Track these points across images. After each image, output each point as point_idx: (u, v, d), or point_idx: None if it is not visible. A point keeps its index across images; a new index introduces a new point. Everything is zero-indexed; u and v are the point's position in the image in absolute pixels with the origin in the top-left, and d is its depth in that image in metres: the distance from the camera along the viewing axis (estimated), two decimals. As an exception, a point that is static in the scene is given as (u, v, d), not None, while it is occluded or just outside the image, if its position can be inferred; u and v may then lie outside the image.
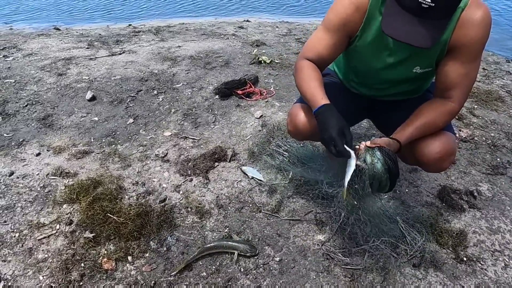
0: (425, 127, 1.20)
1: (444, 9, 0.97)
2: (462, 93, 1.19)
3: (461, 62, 1.14)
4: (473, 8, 1.07)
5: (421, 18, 0.98)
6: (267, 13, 5.92)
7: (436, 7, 0.95)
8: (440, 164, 1.25)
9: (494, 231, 1.55)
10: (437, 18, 0.99)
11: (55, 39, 3.88)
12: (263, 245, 1.47)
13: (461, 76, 1.16)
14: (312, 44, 1.30)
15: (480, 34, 1.09)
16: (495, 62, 3.80)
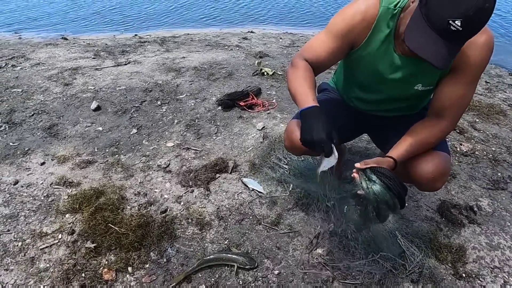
0: (419, 145, 1.22)
1: (468, 35, 0.96)
2: (456, 113, 1.21)
3: (461, 83, 1.15)
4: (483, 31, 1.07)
5: (446, 40, 0.95)
6: (271, 24, 6.00)
7: (462, 31, 0.93)
8: (433, 184, 1.26)
9: (494, 247, 1.55)
10: (459, 42, 0.98)
11: (63, 49, 3.96)
12: (262, 258, 1.48)
13: (459, 97, 1.17)
14: (313, 45, 1.28)
15: (482, 57, 1.11)
16: (498, 75, 3.82)
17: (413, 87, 1.25)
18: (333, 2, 6.96)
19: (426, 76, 1.21)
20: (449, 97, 1.18)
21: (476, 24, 0.92)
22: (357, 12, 1.17)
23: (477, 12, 0.88)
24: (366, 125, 1.55)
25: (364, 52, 1.24)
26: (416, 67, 1.20)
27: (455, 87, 1.16)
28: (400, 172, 1.30)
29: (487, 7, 0.89)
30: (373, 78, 1.31)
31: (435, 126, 1.22)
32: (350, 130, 1.55)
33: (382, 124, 1.48)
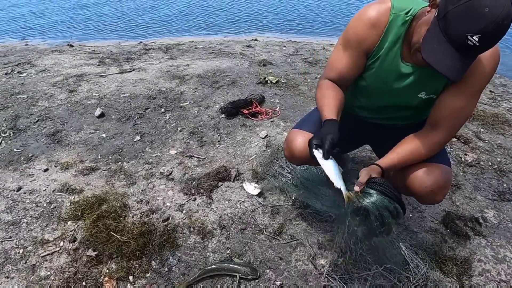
0: (409, 154, 1.21)
1: (483, 50, 0.97)
2: (453, 125, 1.20)
3: (463, 94, 1.14)
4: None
5: (462, 54, 0.96)
6: (275, 32, 6.03)
7: (479, 47, 0.93)
8: (432, 197, 1.25)
9: (500, 260, 1.52)
10: (474, 56, 0.99)
11: (68, 56, 4.00)
12: (264, 268, 1.46)
13: (458, 108, 1.16)
14: (332, 64, 1.32)
15: (487, 69, 1.10)
16: (502, 84, 3.80)
17: (417, 95, 1.25)
18: (337, 9, 7.00)
19: (430, 84, 1.21)
20: (448, 108, 1.17)
21: (493, 40, 0.93)
22: (368, 22, 1.18)
23: (496, 28, 0.89)
24: (368, 135, 1.54)
25: (373, 59, 1.26)
26: (422, 76, 1.20)
27: (456, 98, 1.15)
28: (399, 186, 1.30)
29: (505, 24, 0.89)
30: (377, 84, 1.32)
31: (428, 137, 1.21)
32: (351, 140, 1.55)
33: (384, 134, 1.47)
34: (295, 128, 1.49)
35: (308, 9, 7.00)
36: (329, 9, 7.03)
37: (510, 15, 0.88)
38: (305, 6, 7.18)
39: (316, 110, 1.60)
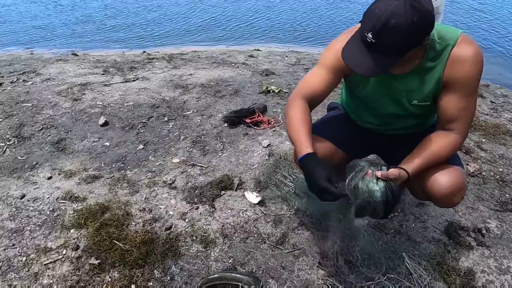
0: (431, 158, 1.21)
1: (385, 47, 1.03)
2: (463, 125, 1.21)
3: (458, 97, 1.17)
4: (464, 46, 1.12)
5: (369, 50, 1.05)
6: (277, 42, 6.10)
7: (377, 43, 1.02)
8: (451, 199, 1.26)
9: (503, 271, 1.51)
10: (381, 53, 1.04)
11: (73, 65, 4.04)
12: (267, 277, 1.46)
13: (460, 110, 1.18)
14: (308, 81, 1.35)
15: (473, 70, 1.13)
16: (503, 95, 3.82)
17: (410, 103, 1.27)
18: (338, 20, 7.08)
19: (417, 92, 1.23)
20: (451, 111, 1.19)
21: (385, 36, 1.00)
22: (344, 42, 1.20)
23: (383, 27, 0.98)
24: (375, 145, 1.55)
25: (355, 77, 1.31)
26: (407, 85, 1.23)
27: (453, 101, 1.18)
28: (415, 189, 1.30)
29: (392, 22, 0.96)
30: (370, 98, 1.36)
31: (444, 139, 1.22)
32: (359, 149, 1.57)
33: (391, 144, 1.48)
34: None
35: (309, 20, 7.08)
36: (330, 19, 7.11)
37: (394, 15, 0.96)
38: (307, 17, 7.27)
39: (326, 116, 1.64)
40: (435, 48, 1.15)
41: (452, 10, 7.08)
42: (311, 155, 1.18)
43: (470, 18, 6.81)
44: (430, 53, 1.16)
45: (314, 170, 1.14)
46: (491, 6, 7.58)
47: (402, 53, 1.05)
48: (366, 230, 1.62)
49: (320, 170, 1.13)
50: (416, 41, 1.03)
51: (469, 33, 6.07)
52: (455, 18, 6.76)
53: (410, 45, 1.03)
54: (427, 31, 1.04)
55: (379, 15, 0.98)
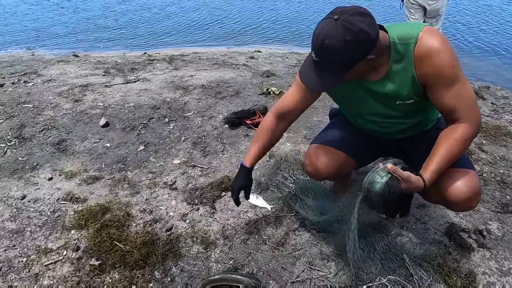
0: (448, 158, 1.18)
1: (328, 65, 1.11)
2: (466, 111, 1.17)
3: (444, 89, 1.15)
4: (426, 40, 1.12)
5: (316, 67, 1.14)
6: (278, 43, 6.11)
7: (320, 61, 1.11)
8: (469, 203, 1.26)
9: (504, 273, 1.51)
10: (326, 70, 1.13)
11: (74, 66, 4.05)
12: (268, 279, 1.46)
13: (454, 98, 1.16)
14: (284, 97, 1.46)
15: (445, 59, 1.12)
16: (504, 96, 3.82)
17: (394, 103, 1.28)
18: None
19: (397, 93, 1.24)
20: (447, 104, 1.17)
21: (325, 55, 1.08)
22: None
23: (321, 48, 1.07)
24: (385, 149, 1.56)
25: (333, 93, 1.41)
26: (385, 89, 1.24)
27: (442, 93, 1.17)
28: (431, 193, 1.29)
29: (327, 43, 1.05)
30: (357, 107, 1.40)
31: (454, 131, 1.18)
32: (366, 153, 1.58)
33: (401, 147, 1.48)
34: (316, 143, 1.53)
35: (310, 22, 7.09)
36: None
37: (327, 36, 1.05)
38: (307, 19, 7.28)
39: (332, 123, 1.66)
40: (398, 50, 1.16)
41: (453, 10, 7.09)
42: (244, 168, 1.47)
43: (471, 19, 6.82)
44: (395, 55, 1.17)
45: (237, 178, 1.49)
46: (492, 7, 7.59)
47: (346, 68, 1.11)
48: (367, 231, 1.62)
49: (239, 181, 1.48)
50: (356, 57, 1.09)
51: (469, 33, 6.08)
52: (456, 19, 6.77)
53: (350, 61, 1.09)
54: (365, 47, 1.08)
55: (317, 36, 1.08)
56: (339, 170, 1.50)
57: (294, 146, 2.35)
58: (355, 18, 1.04)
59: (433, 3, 3.49)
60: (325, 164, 1.45)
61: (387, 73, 1.21)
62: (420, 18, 3.63)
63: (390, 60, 1.19)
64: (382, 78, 1.23)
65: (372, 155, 1.63)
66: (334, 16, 1.05)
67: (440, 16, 3.59)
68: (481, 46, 5.61)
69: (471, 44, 5.69)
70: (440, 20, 3.62)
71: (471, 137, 1.19)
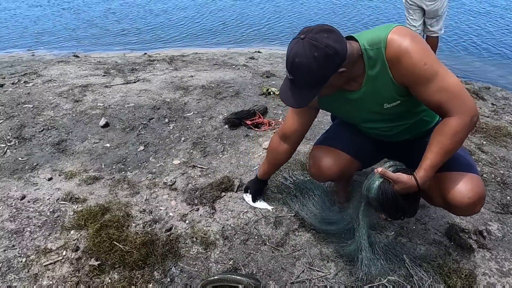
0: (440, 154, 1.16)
1: (303, 83, 1.15)
2: (452, 103, 1.13)
3: (422, 86, 1.14)
4: (396, 41, 1.12)
5: (291, 85, 1.19)
6: (278, 44, 6.11)
7: (294, 80, 1.15)
8: (472, 208, 1.25)
9: (505, 274, 1.51)
10: (300, 87, 1.17)
11: (74, 66, 4.06)
12: (267, 279, 1.46)
13: (437, 93, 1.13)
14: (285, 121, 1.55)
15: (414, 58, 1.11)
16: (504, 97, 3.82)
17: (382, 108, 1.28)
18: (338, 24, 7.09)
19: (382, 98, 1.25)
20: (433, 100, 1.15)
21: (297, 73, 1.13)
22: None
23: (292, 66, 1.12)
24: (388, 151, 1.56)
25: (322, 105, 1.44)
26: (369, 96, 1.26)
27: (424, 89, 1.14)
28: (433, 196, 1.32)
29: (296, 61, 1.10)
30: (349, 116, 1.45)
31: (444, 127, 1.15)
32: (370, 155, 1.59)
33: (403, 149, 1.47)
34: (319, 144, 1.55)
35: (310, 22, 7.09)
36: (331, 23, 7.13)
37: (297, 54, 1.10)
38: (308, 20, 7.29)
39: (334, 125, 1.68)
40: (370, 56, 1.17)
41: (453, 12, 7.09)
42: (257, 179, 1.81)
43: (472, 20, 6.82)
44: (369, 62, 1.18)
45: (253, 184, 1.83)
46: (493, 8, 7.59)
47: (319, 83, 1.15)
48: (367, 232, 1.62)
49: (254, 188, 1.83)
50: (328, 72, 1.12)
51: (470, 34, 6.08)
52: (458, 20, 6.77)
53: (323, 76, 1.13)
54: (334, 62, 1.11)
55: (288, 56, 1.13)
56: (343, 172, 1.50)
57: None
58: (320, 36, 1.09)
59: (430, 4, 3.48)
60: (329, 165, 1.46)
61: (365, 80, 1.22)
62: (418, 19, 3.62)
63: (365, 67, 1.19)
64: (362, 85, 1.24)
65: (376, 156, 1.63)
66: (301, 36, 1.11)
67: (440, 16, 3.58)
68: (482, 46, 5.61)
69: (472, 44, 5.69)
70: (440, 21, 3.61)
71: (463, 129, 1.13)
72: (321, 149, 1.50)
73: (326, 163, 1.46)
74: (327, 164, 1.46)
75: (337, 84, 1.20)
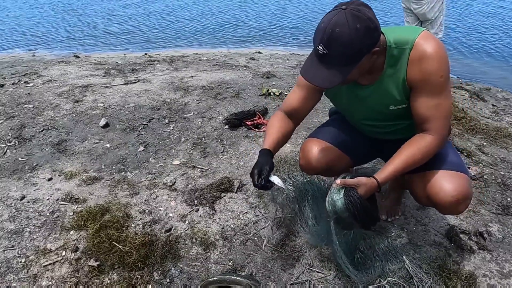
0: (404, 163, 1.22)
1: (338, 57, 1.08)
2: (438, 124, 1.19)
3: (426, 96, 1.17)
4: (422, 46, 1.13)
5: (321, 63, 1.11)
6: (279, 45, 6.12)
7: (329, 54, 1.07)
8: (456, 207, 1.25)
9: (505, 275, 1.50)
10: (335, 64, 1.09)
11: (74, 67, 4.06)
12: (267, 280, 1.45)
13: (431, 108, 1.17)
14: (288, 98, 1.46)
15: (435, 66, 1.12)
16: (505, 98, 3.81)
17: (388, 108, 1.28)
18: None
19: (390, 98, 1.25)
20: (422, 111, 1.19)
21: (335, 46, 1.05)
22: None
23: (331, 37, 1.04)
24: (379, 150, 1.56)
25: (328, 91, 1.41)
26: (378, 93, 1.25)
27: (422, 100, 1.18)
28: (420, 195, 1.31)
29: (337, 31, 1.03)
30: (349, 109, 1.43)
31: (420, 141, 1.22)
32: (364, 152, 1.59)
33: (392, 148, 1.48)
34: (311, 137, 1.55)
35: (310, 23, 7.10)
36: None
37: (337, 25, 1.03)
38: (308, 20, 7.29)
39: (330, 120, 1.67)
40: (393, 54, 1.17)
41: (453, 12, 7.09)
42: (264, 150, 1.35)
43: (472, 21, 6.82)
44: (389, 60, 1.18)
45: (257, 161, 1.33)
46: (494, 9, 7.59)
47: (353, 61, 1.09)
48: (366, 233, 1.61)
49: (259, 162, 1.31)
50: (364, 47, 1.07)
51: (471, 35, 6.07)
52: (457, 20, 6.77)
53: (359, 51, 1.07)
54: (373, 37, 1.07)
55: (324, 28, 1.05)
56: (331, 165, 1.49)
57: (294, 148, 2.34)
58: (362, 8, 1.05)
59: (417, 7, 3.47)
60: (318, 158, 1.45)
61: (381, 76, 1.22)
62: (412, 22, 3.62)
63: (385, 63, 1.19)
64: (376, 80, 1.24)
65: (368, 154, 1.63)
66: (341, 6, 1.05)
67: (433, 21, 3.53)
68: (482, 47, 5.60)
69: (473, 45, 5.69)
70: (435, 25, 3.57)
71: (434, 150, 1.22)
72: (312, 142, 1.50)
73: (314, 155, 1.46)
74: (316, 157, 1.46)
75: (364, 67, 1.15)
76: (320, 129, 1.61)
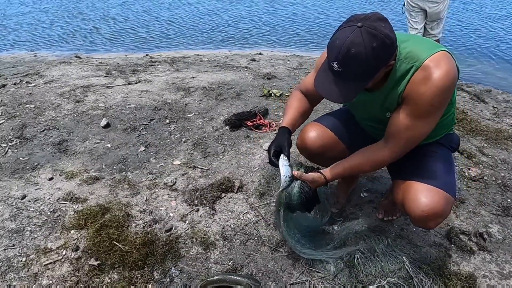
0: (351, 168, 1.34)
1: (354, 75, 1.07)
2: (397, 144, 1.22)
3: (408, 114, 1.17)
4: (431, 69, 1.10)
5: (336, 78, 1.10)
6: (279, 46, 6.12)
7: (343, 71, 1.06)
8: (424, 222, 1.26)
9: (505, 276, 1.50)
10: (349, 80, 1.09)
11: (76, 67, 4.07)
12: (267, 280, 1.45)
13: (403, 127, 1.18)
14: (305, 80, 1.50)
15: (430, 93, 1.11)
16: (505, 100, 3.82)
17: (385, 115, 1.29)
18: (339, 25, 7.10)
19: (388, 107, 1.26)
20: (394, 125, 1.21)
21: (350, 64, 1.04)
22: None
23: (346, 57, 1.03)
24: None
25: None
26: (379, 100, 1.26)
27: (400, 116, 1.19)
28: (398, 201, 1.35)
29: (352, 51, 1.01)
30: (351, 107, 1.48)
31: (374, 152, 1.29)
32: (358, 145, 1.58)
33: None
34: (314, 121, 1.59)
35: (311, 25, 7.11)
36: (331, 24, 7.13)
37: (353, 44, 1.01)
38: (309, 22, 7.30)
39: (338, 110, 1.71)
40: (399, 68, 1.16)
41: (453, 12, 7.09)
42: (283, 128, 1.41)
43: (473, 22, 6.82)
44: (394, 74, 1.17)
45: (277, 137, 1.40)
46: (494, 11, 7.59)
47: (369, 77, 1.09)
48: (366, 234, 1.62)
49: (277, 139, 1.38)
50: (382, 62, 1.07)
51: (471, 36, 6.07)
52: (457, 21, 6.77)
53: (376, 68, 1.07)
54: (390, 53, 1.07)
55: (339, 46, 1.03)
56: (325, 148, 1.51)
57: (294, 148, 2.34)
58: (379, 24, 1.02)
59: (433, 6, 3.49)
60: (313, 139, 1.50)
61: (383, 88, 1.22)
62: (420, 21, 3.63)
63: (390, 73, 1.19)
64: (380, 88, 1.24)
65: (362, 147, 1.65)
66: (357, 24, 1.02)
67: (441, 19, 3.59)
68: (483, 49, 5.60)
69: (473, 47, 5.69)
70: (440, 24, 3.61)
71: (383, 164, 1.34)
72: (312, 124, 1.56)
73: (310, 136, 1.51)
74: (311, 137, 1.50)
75: (377, 79, 1.15)
76: (325, 115, 1.65)
